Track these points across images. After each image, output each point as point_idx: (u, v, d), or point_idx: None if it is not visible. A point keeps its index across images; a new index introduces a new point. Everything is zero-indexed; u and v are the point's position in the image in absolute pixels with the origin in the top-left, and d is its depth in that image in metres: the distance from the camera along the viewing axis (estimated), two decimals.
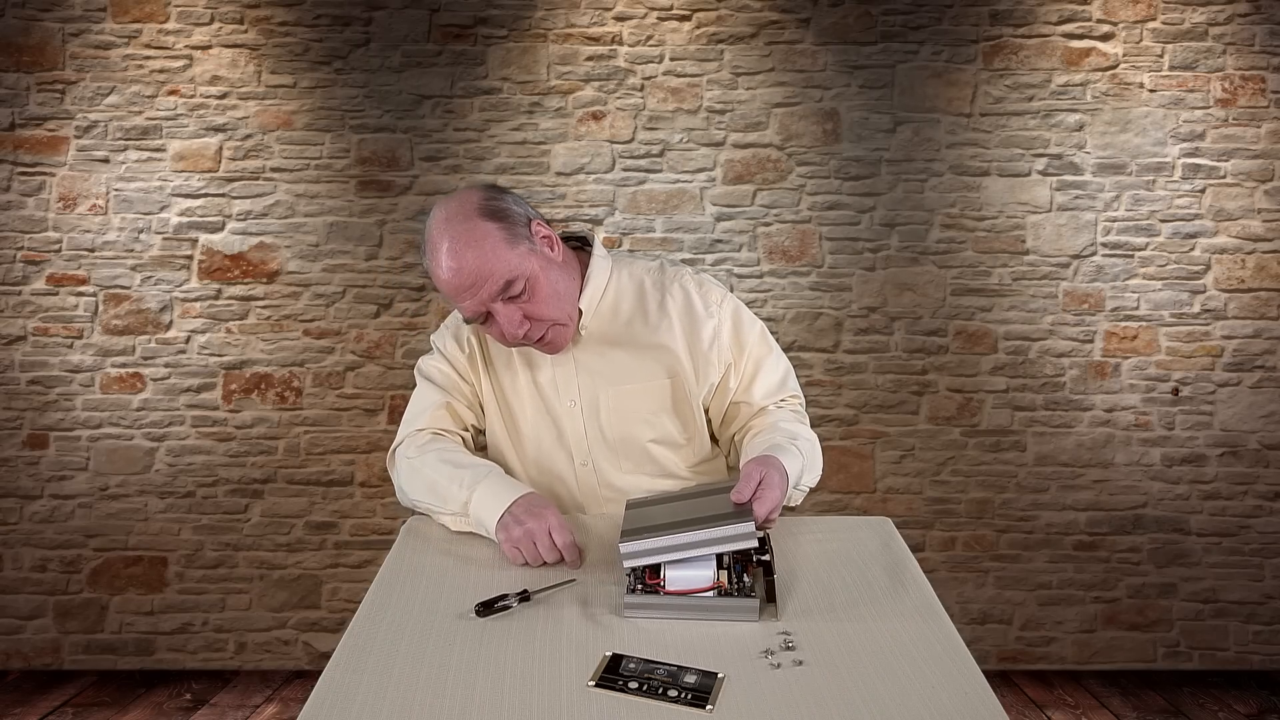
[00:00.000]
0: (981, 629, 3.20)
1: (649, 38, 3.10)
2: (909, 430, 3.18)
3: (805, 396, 1.74)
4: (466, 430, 1.65)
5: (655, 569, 1.28)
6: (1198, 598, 3.19)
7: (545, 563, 1.36)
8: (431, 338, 1.70)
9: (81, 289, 3.10)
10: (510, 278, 1.45)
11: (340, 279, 3.13)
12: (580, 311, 1.57)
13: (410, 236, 3.13)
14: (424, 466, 1.53)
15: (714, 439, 1.69)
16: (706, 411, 1.65)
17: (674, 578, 1.23)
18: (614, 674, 1.06)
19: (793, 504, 1.58)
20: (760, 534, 1.26)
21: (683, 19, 3.11)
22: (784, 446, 1.50)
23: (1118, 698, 3.02)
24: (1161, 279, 3.14)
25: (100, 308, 3.10)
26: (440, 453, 1.55)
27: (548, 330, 1.52)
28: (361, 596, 1.34)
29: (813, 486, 1.62)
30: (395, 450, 1.63)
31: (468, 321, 1.51)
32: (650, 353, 1.59)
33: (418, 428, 1.61)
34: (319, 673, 1.08)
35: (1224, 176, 3.12)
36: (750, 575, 1.27)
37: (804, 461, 1.54)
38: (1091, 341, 3.15)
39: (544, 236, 1.54)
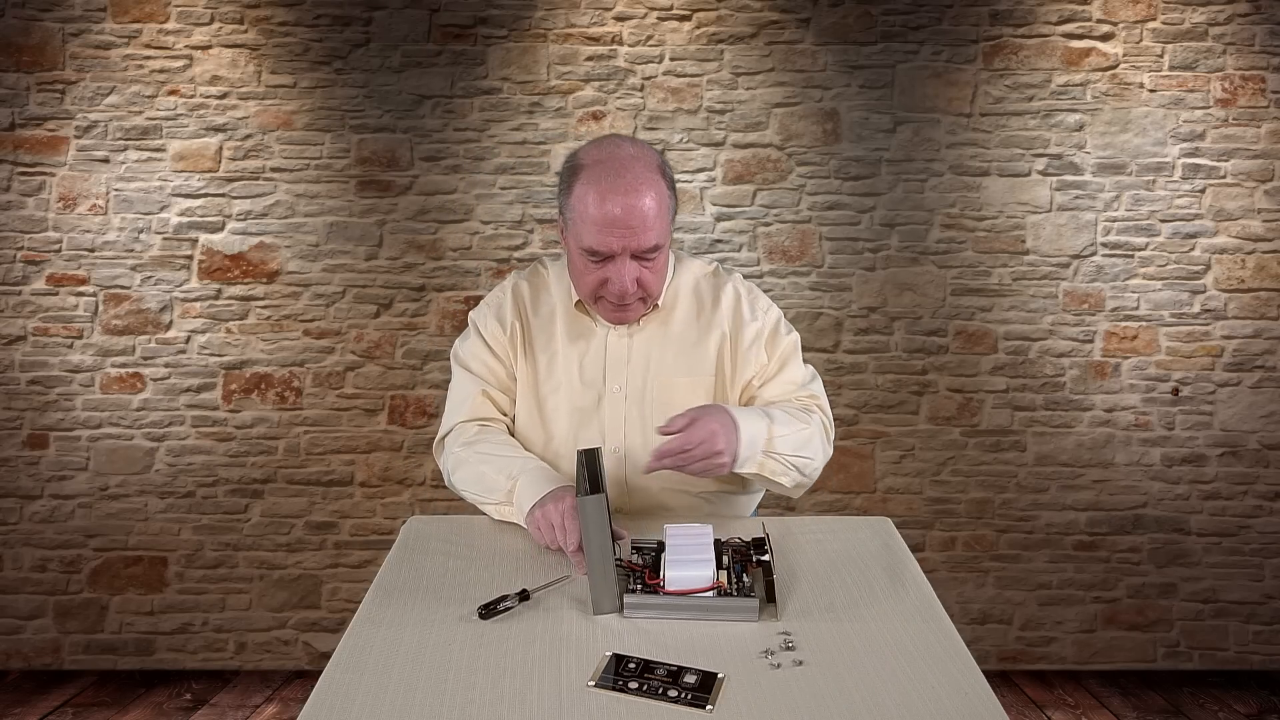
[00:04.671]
0: (981, 629, 3.20)
1: (649, 38, 3.10)
2: (909, 430, 3.18)
3: None
4: (506, 415, 1.68)
5: (655, 569, 1.28)
6: (1198, 598, 3.19)
7: (560, 548, 1.37)
8: (471, 315, 1.72)
9: (81, 289, 3.10)
10: (660, 243, 1.52)
11: (340, 279, 3.13)
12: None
13: (410, 236, 3.12)
14: (471, 458, 1.59)
15: None
16: None
17: (674, 578, 1.23)
18: (614, 674, 1.07)
19: (770, 475, 1.53)
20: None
21: (683, 19, 3.11)
22: (751, 410, 1.53)
23: (1118, 698, 3.02)
24: (1161, 279, 3.14)
25: (100, 308, 3.10)
26: (487, 444, 1.60)
27: (639, 301, 1.57)
28: (361, 596, 1.34)
29: (801, 467, 1.57)
30: (442, 439, 1.68)
31: (592, 254, 1.51)
32: (701, 349, 1.65)
33: (461, 419, 1.66)
34: (319, 673, 1.08)
35: (1224, 176, 3.12)
36: (750, 575, 1.27)
37: (773, 426, 1.51)
38: (1091, 341, 3.15)
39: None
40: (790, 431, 1.54)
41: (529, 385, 1.66)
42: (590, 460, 1.35)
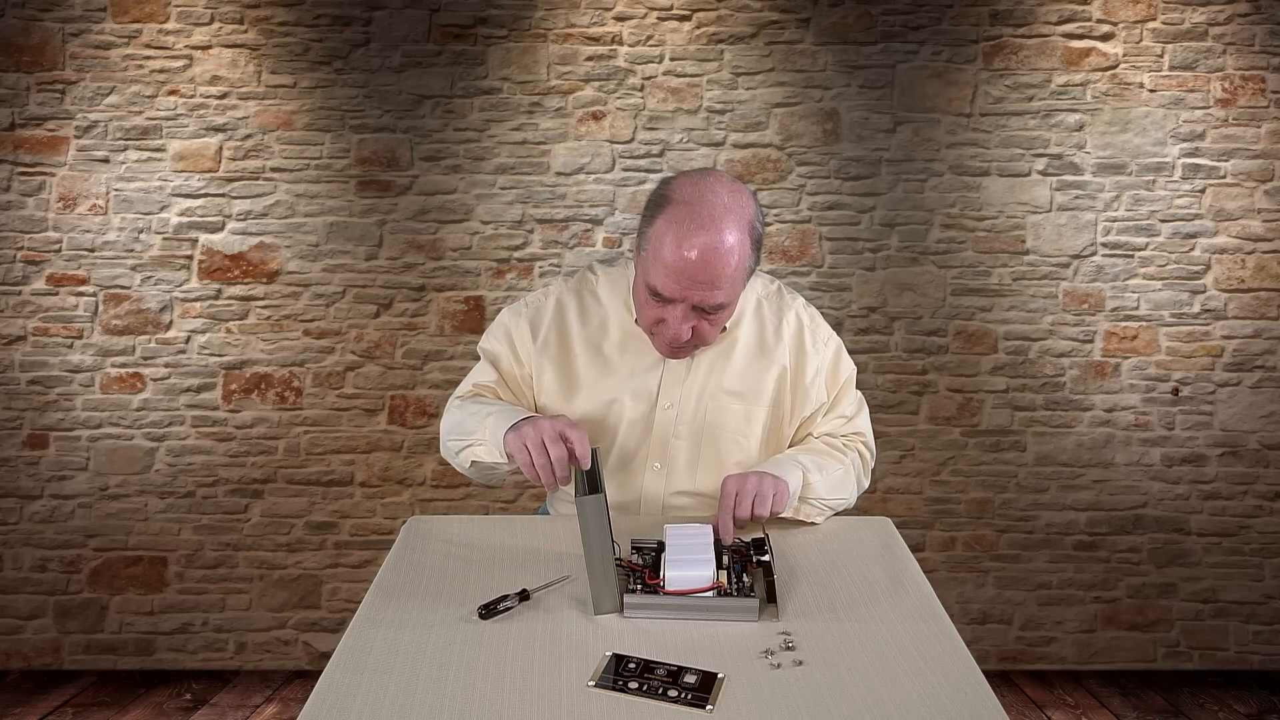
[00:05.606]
0: (981, 629, 3.20)
1: (649, 38, 3.10)
2: (909, 430, 3.18)
3: None
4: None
5: (655, 569, 1.28)
6: (1198, 598, 3.19)
7: (553, 466, 1.36)
8: (505, 309, 1.70)
9: (81, 289, 3.10)
10: (727, 302, 1.47)
11: (340, 279, 3.13)
12: None
13: (410, 236, 3.12)
14: (458, 411, 1.61)
15: None
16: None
17: (674, 578, 1.23)
18: (614, 674, 1.07)
19: (804, 518, 1.57)
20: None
21: (683, 19, 3.11)
22: (780, 462, 1.55)
23: (1118, 698, 3.02)
24: (1161, 279, 3.14)
25: (100, 308, 3.10)
26: (472, 400, 1.62)
27: (691, 347, 1.54)
28: (361, 596, 1.34)
29: (836, 509, 1.62)
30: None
31: (654, 294, 1.46)
32: (760, 377, 1.62)
33: (460, 395, 1.68)
34: (319, 673, 1.08)
35: (1224, 176, 3.12)
36: (750, 575, 1.27)
37: (808, 475, 1.54)
38: (1091, 341, 3.15)
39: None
40: (825, 476, 1.57)
41: (565, 398, 1.62)
42: (591, 461, 1.35)
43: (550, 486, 1.39)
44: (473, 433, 1.55)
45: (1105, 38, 3.11)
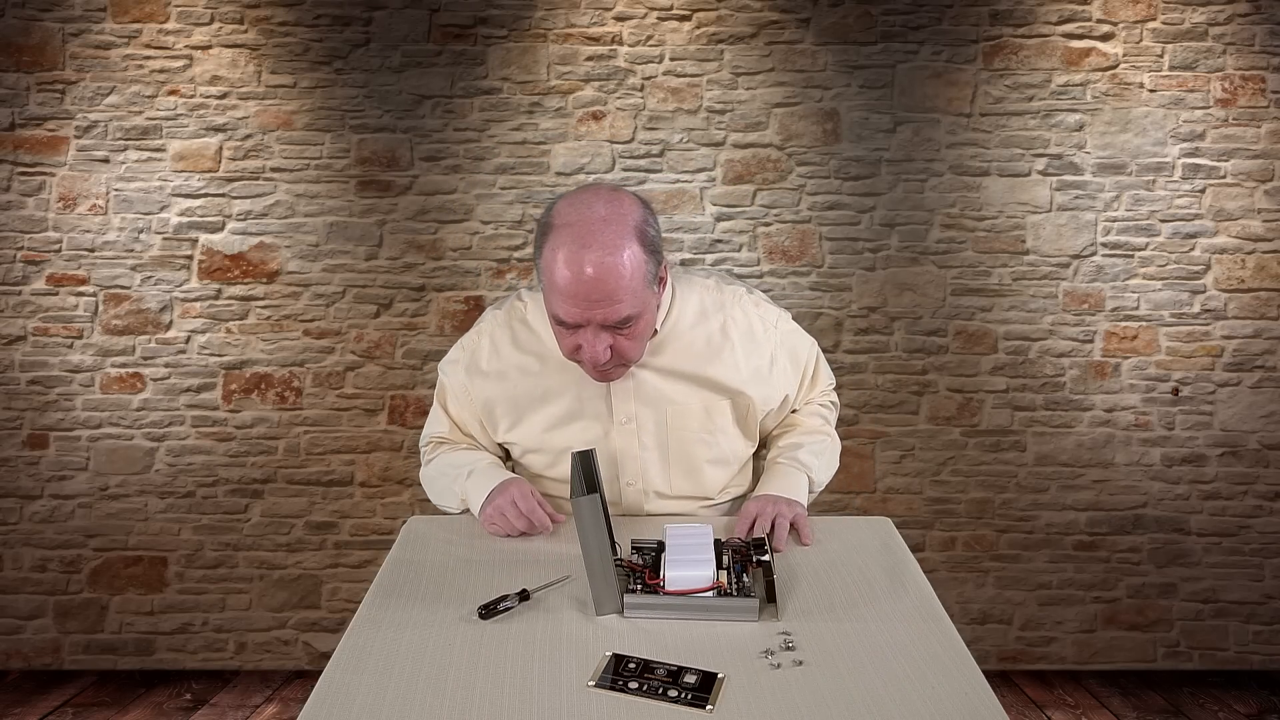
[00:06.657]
0: (981, 629, 3.20)
1: (649, 38, 3.10)
2: (909, 430, 3.18)
3: None
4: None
5: (655, 569, 1.28)
6: (1198, 598, 3.19)
7: (522, 532, 1.49)
8: (443, 362, 1.67)
9: (81, 289, 3.10)
10: (633, 313, 1.41)
11: (340, 279, 3.13)
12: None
13: (410, 236, 3.12)
14: (433, 473, 1.68)
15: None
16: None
17: (674, 578, 1.23)
18: (614, 674, 1.07)
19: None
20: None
21: (683, 19, 3.11)
22: (790, 474, 1.60)
23: (1118, 698, 3.02)
24: (1161, 279, 3.14)
25: (100, 308, 3.10)
26: (443, 457, 1.68)
27: (619, 366, 1.50)
28: (361, 596, 1.34)
29: (826, 483, 1.70)
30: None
31: (558, 323, 1.43)
32: (713, 375, 1.59)
33: (424, 444, 1.74)
34: (319, 673, 1.08)
35: (1224, 176, 3.12)
36: (750, 575, 1.27)
37: (811, 475, 1.63)
38: (1091, 341, 3.15)
39: (662, 278, 1.50)
40: (821, 463, 1.66)
41: (520, 431, 1.60)
42: (585, 461, 1.35)
43: (545, 528, 1.51)
44: (455, 494, 1.62)
45: (1105, 38, 3.11)
